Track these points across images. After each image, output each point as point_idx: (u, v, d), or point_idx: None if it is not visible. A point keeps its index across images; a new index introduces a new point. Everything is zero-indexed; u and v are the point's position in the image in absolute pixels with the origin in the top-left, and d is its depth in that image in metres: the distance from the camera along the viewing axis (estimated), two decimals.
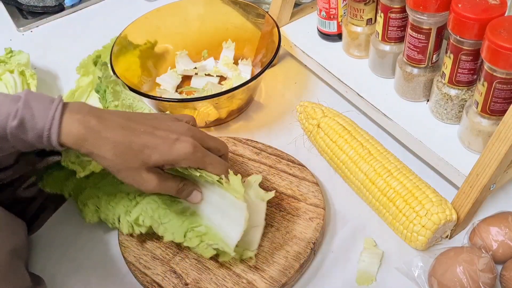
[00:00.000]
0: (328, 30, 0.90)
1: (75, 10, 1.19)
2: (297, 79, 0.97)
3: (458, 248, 0.66)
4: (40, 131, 0.59)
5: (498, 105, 0.66)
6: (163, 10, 0.95)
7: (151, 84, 0.94)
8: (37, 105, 0.59)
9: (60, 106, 0.60)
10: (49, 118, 0.59)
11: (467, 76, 0.70)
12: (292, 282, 0.69)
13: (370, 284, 0.68)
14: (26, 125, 0.59)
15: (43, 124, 0.59)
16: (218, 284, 0.68)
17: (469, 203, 0.68)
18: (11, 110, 0.58)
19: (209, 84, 0.92)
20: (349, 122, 0.79)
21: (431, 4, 0.68)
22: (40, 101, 0.60)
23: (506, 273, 0.65)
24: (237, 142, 0.84)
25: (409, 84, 0.78)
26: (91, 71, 0.96)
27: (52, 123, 0.59)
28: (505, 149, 0.62)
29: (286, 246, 0.70)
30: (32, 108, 0.59)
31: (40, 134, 0.59)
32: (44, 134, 0.59)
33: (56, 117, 0.59)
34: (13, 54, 0.99)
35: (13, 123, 0.58)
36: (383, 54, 0.81)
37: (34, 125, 0.59)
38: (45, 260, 0.74)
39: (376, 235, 0.73)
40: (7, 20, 1.17)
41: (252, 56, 0.95)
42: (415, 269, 0.68)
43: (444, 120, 0.76)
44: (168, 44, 0.97)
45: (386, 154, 0.74)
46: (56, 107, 0.60)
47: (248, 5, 0.94)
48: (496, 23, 0.62)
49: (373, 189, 0.72)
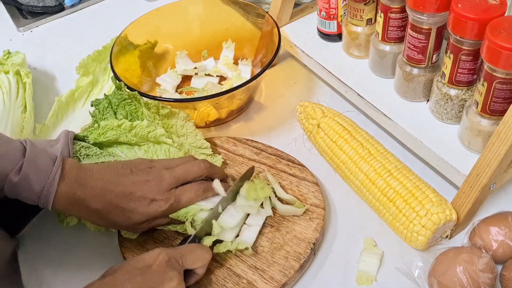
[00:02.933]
0: (328, 30, 0.90)
1: (75, 10, 1.19)
2: (297, 79, 0.97)
3: (458, 248, 0.66)
4: (39, 192, 0.63)
5: (498, 105, 0.66)
6: (163, 10, 0.95)
7: (151, 84, 0.94)
8: (40, 161, 0.63)
9: (59, 171, 0.63)
10: (50, 177, 0.63)
11: (467, 76, 0.70)
12: (292, 283, 0.69)
13: (370, 284, 0.68)
14: (28, 180, 0.62)
15: (43, 183, 0.63)
16: (218, 285, 0.68)
17: (469, 203, 0.68)
18: (14, 165, 0.62)
19: (209, 84, 0.92)
20: (349, 122, 0.79)
21: (431, 4, 0.68)
22: (43, 158, 0.64)
23: (506, 273, 0.65)
24: (237, 142, 0.84)
25: (409, 84, 0.78)
26: (91, 71, 0.96)
27: (50, 190, 0.63)
28: (505, 149, 0.62)
29: (286, 246, 0.70)
30: (35, 164, 0.63)
31: (39, 195, 0.63)
32: (43, 194, 0.63)
33: (54, 184, 0.63)
34: (10, 56, 0.99)
35: (14, 178, 0.62)
36: (383, 54, 0.81)
37: (36, 183, 0.62)
38: (45, 261, 0.74)
39: (376, 235, 0.73)
40: (7, 20, 1.17)
41: (252, 56, 0.95)
42: (415, 269, 0.68)
43: (444, 120, 0.76)
44: (168, 44, 0.97)
45: (386, 154, 0.74)
46: (55, 172, 0.63)
47: (248, 5, 0.94)
48: (496, 23, 0.62)
49: (373, 189, 0.72)
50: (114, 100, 0.76)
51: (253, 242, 0.70)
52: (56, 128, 0.89)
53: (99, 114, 0.76)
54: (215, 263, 0.69)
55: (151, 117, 0.76)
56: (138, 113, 0.76)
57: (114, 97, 0.76)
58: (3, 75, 0.92)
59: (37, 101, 0.94)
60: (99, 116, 0.76)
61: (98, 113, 0.77)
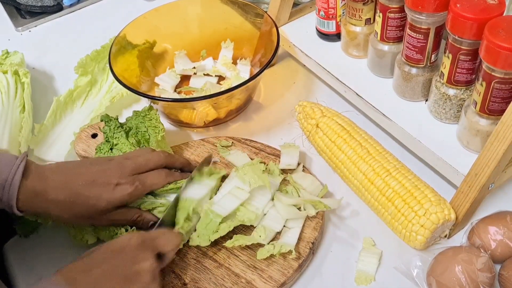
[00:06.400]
0: (327, 30, 0.90)
1: (73, 10, 1.19)
2: (296, 79, 0.97)
3: (457, 248, 0.66)
4: (2, 183, 0.63)
5: (497, 105, 0.66)
6: (161, 10, 0.95)
7: (150, 84, 0.94)
8: (2, 158, 0.64)
9: (22, 164, 0.64)
10: (12, 170, 0.63)
11: (466, 75, 0.70)
12: (291, 282, 0.69)
13: (369, 284, 0.68)
14: None
15: (6, 175, 0.63)
16: (217, 284, 0.68)
17: (468, 203, 0.68)
18: None
19: (207, 84, 0.92)
20: (348, 122, 0.79)
21: (429, 4, 0.68)
22: (5, 156, 0.64)
23: (504, 272, 0.65)
24: (236, 142, 0.84)
25: (407, 84, 0.78)
26: (90, 71, 0.96)
27: (14, 181, 0.63)
28: (504, 149, 0.62)
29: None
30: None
31: (3, 184, 0.63)
32: (6, 185, 0.63)
33: (17, 175, 0.63)
34: (9, 55, 0.99)
35: None
36: (382, 54, 0.81)
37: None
38: (45, 261, 0.74)
39: (375, 235, 0.73)
40: (5, 20, 1.17)
41: (251, 56, 0.95)
42: (413, 268, 0.68)
43: (442, 119, 0.76)
44: (166, 44, 0.97)
45: (385, 154, 0.75)
46: (19, 164, 0.64)
47: (246, 5, 0.94)
48: (494, 23, 0.62)
49: (372, 189, 0.72)
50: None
51: (295, 244, 0.70)
52: (54, 128, 0.89)
53: (110, 132, 0.78)
54: (213, 263, 0.70)
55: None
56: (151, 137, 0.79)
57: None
58: (2, 75, 0.92)
59: (36, 101, 0.94)
60: (109, 134, 0.78)
61: (109, 131, 0.78)
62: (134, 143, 0.77)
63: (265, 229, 0.70)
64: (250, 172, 0.73)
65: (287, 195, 0.73)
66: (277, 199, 0.72)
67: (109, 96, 0.92)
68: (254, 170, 0.73)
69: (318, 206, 0.71)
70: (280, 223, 0.71)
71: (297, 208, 0.72)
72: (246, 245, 0.69)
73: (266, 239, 0.70)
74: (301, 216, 0.71)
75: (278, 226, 0.71)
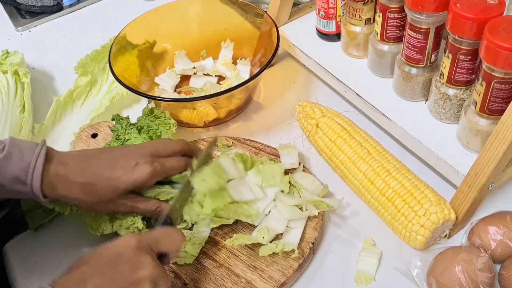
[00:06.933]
0: (327, 29, 0.90)
1: (73, 9, 1.19)
2: (296, 79, 0.97)
3: (457, 248, 0.67)
4: (27, 165, 0.64)
5: (497, 105, 0.66)
6: (161, 10, 0.95)
7: (150, 84, 0.94)
8: (24, 144, 0.65)
9: (44, 149, 0.65)
10: (35, 154, 0.64)
11: (466, 75, 0.70)
12: (291, 282, 0.69)
13: (369, 284, 0.68)
14: (13, 158, 0.63)
15: (30, 159, 0.64)
16: (217, 284, 0.68)
17: (468, 203, 0.68)
18: None
19: (207, 84, 0.92)
20: (348, 122, 0.79)
21: (429, 3, 0.68)
22: (26, 142, 0.66)
23: (504, 272, 0.65)
24: (236, 141, 0.84)
25: (407, 84, 0.78)
26: (90, 70, 0.96)
27: (37, 164, 0.64)
28: (504, 149, 0.62)
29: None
30: (19, 146, 0.64)
31: (26, 168, 0.64)
32: (30, 168, 0.64)
33: (40, 158, 0.64)
34: (9, 55, 0.99)
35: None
36: (382, 53, 0.81)
37: (22, 159, 0.64)
38: (45, 261, 0.74)
39: (375, 235, 0.73)
40: (5, 20, 1.17)
41: (250, 56, 0.95)
42: (413, 268, 0.68)
43: (442, 119, 0.76)
44: (166, 44, 0.97)
45: (385, 154, 0.75)
46: (40, 149, 0.65)
47: (246, 5, 0.94)
48: (494, 22, 0.62)
49: (372, 189, 0.72)
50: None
51: (298, 243, 0.70)
52: (54, 128, 0.89)
53: (122, 129, 0.79)
54: (214, 263, 0.70)
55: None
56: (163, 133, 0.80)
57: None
58: (2, 75, 0.92)
59: (36, 101, 0.94)
60: (121, 131, 0.79)
61: (120, 128, 0.79)
62: (146, 138, 0.78)
63: (269, 230, 0.70)
64: (270, 171, 0.74)
65: (289, 196, 0.73)
66: (279, 199, 0.72)
67: (109, 96, 0.92)
68: (275, 171, 0.74)
69: (321, 206, 0.71)
70: (283, 224, 0.71)
71: (298, 208, 0.72)
72: (246, 245, 0.69)
73: (268, 240, 0.70)
74: (303, 216, 0.71)
75: (281, 227, 0.71)
